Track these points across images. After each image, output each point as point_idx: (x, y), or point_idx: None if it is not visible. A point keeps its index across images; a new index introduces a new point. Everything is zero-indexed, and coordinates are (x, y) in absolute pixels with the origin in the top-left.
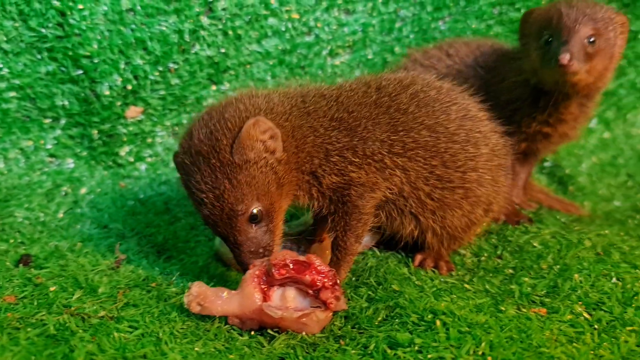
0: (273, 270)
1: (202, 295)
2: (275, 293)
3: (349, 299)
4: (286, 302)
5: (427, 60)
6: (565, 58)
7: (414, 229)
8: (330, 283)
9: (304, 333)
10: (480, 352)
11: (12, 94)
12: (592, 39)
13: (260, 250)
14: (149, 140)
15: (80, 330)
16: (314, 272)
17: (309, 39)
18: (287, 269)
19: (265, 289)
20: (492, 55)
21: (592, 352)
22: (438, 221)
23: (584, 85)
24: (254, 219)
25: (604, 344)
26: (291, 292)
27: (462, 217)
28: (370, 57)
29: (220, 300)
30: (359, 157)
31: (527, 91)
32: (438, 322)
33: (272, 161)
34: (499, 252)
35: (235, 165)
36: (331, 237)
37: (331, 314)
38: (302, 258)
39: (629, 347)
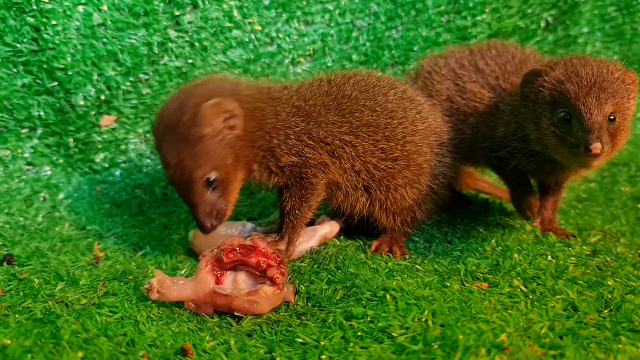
0: (222, 255)
1: (161, 283)
2: (228, 278)
3: (310, 283)
4: (237, 285)
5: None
6: (597, 148)
7: (366, 201)
8: (275, 263)
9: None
10: (424, 319)
11: None
12: (612, 117)
13: (214, 213)
14: (123, 147)
15: (65, 314)
16: (258, 254)
17: (271, 48)
18: (235, 252)
19: (219, 275)
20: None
21: (523, 316)
22: (384, 192)
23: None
24: (209, 184)
25: (535, 309)
26: (242, 276)
27: (409, 188)
28: (329, 64)
29: (176, 287)
30: (314, 140)
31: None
32: (388, 297)
33: (229, 137)
34: (449, 238)
35: (194, 138)
36: (286, 205)
37: (281, 293)
38: (248, 242)
39: (555, 312)
